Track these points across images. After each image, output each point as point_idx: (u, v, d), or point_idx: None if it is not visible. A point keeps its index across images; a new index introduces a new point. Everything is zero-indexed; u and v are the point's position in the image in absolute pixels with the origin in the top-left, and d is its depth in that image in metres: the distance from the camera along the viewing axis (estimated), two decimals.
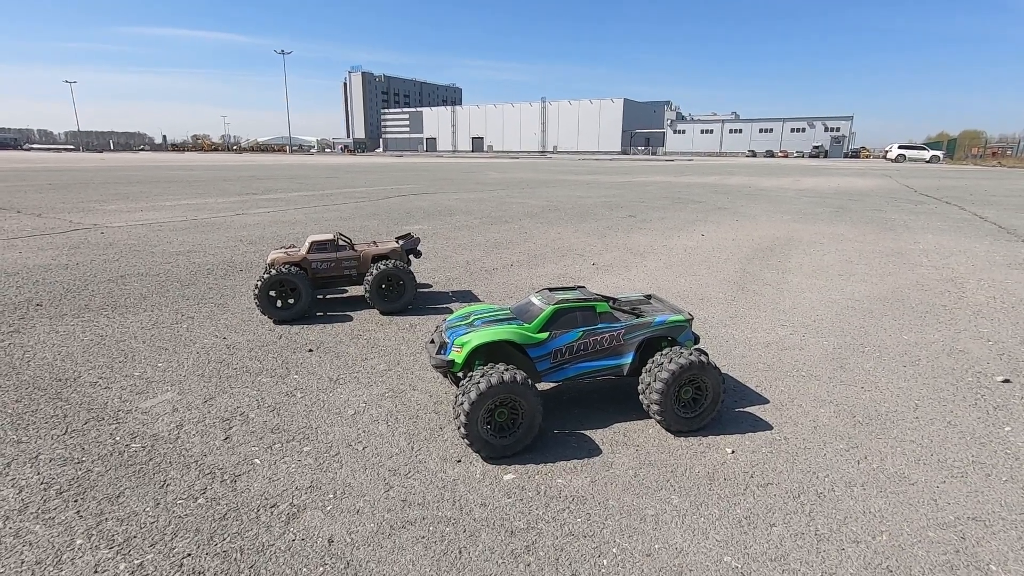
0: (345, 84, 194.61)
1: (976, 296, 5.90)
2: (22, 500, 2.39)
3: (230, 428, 3.04)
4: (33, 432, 2.95)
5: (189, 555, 2.10)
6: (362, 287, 5.24)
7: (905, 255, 8.10)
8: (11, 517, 2.29)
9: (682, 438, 3.01)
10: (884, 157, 67.32)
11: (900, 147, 63.04)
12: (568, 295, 3.31)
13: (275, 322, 4.85)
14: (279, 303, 4.87)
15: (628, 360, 3.24)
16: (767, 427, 3.13)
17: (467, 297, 5.83)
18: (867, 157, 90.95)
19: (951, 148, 71.80)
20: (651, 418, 3.16)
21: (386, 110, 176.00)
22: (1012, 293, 6.03)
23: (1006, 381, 3.76)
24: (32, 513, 2.31)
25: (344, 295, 5.85)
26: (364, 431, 3.04)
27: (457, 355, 3.04)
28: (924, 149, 62.11)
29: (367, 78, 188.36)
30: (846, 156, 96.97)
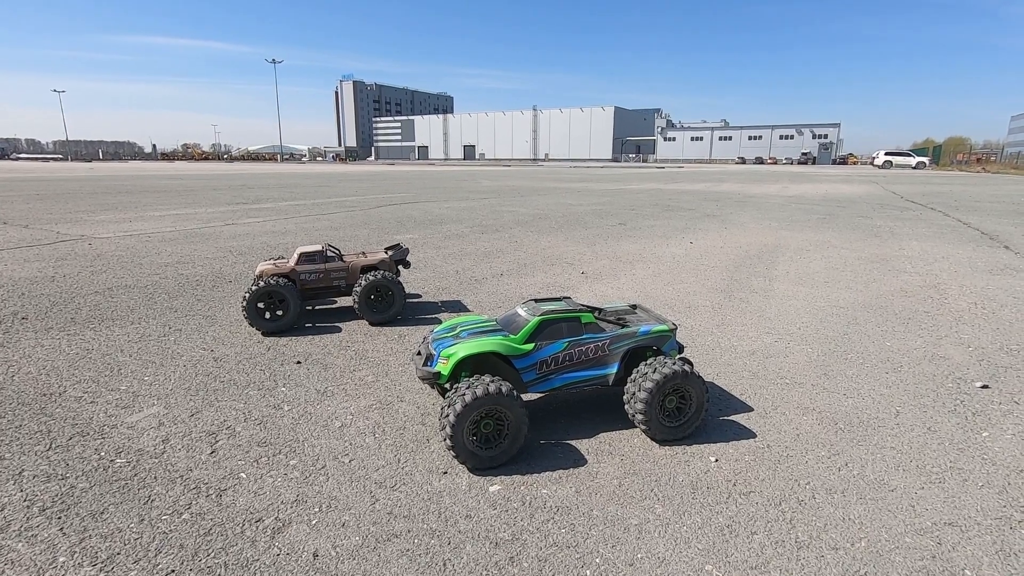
0: (336, 92, 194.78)
1: (958, 302, 6.00)
2: (4, 518, 2.38)
3: (216, 442, 3.03)
4: (16, 448, 2.94)
5: (173, 571, 2.10)
6: (351, 298, 5.25)
7: (890, 261, 8.21)
8: None
9: (667, 447, 3.04)
10: (871, 163, 68.18)
11: (887, 153, 63.90)
12: (554, 306, 3.35)
13: (263, 334, 4.84)
14: (267, 315, 4.87)
15: (613, 370, 3.27)
16: (751, 435, 3.17)
17: (456, 307, 5.85)
18: (855, 163, 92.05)
19: (937, 154, 72.87)
20: (636, 427, 3.19)
21: (378, 118, 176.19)
22: (993, 299, 6.13)
23: (985, 387, 3.82)
24: (14, 531, 2.30)
25: (333, 306, 5.85)
26: (351, 443, 3.04)
27: (443, 367, 3.06)
28: (910, 155, 63.02)
29: (358, 87, 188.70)
30: (834, 162, 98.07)
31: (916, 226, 12.23)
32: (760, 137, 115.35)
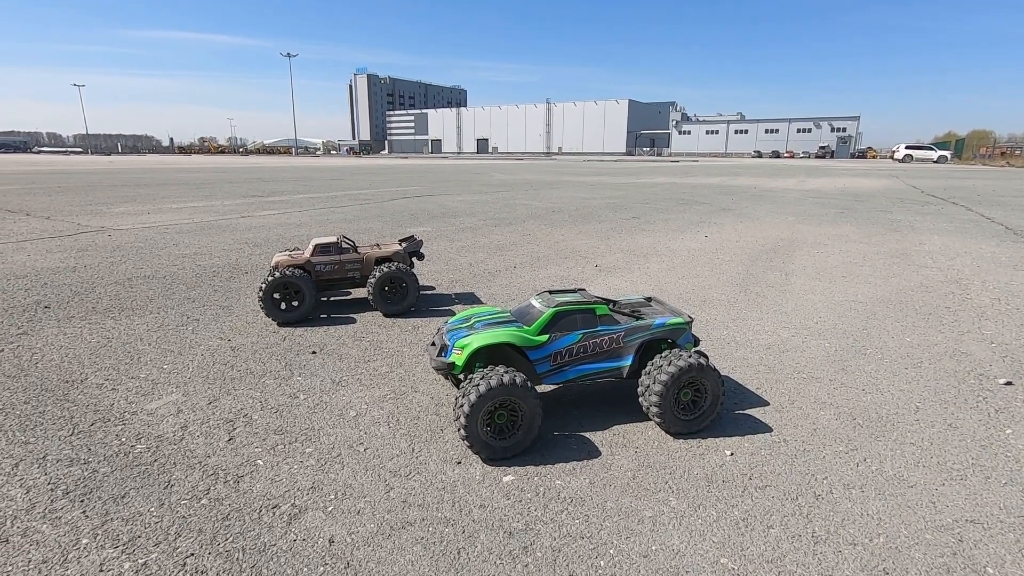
0: (351, 86, 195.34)
1: (980, 298, 5.88)
2: (29, 500, 2.44)
3: (234, 429, 3.07)
4: (40, 433, 3.00)
5: (192, 555, 2.13)
6: (365, 289, 5.28)
7: (910, 256, 8.06)
8: (19, 516, 2.33)
9: (681, 440, 3.02)
10: (891, 157, 66.94)
11: (907, 147, 62.55)
12: (568, 298, 3.33)
13: (279, 324, 4.89)
14: (283, 305, 4.91)
15: (628, 362, 3.26)
16: (767, 429, 3.14)
17: (470, 299, 5.86)
18: (874, 157, 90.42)
19: (959, 148, 71.30)
20: (651, 420, 3.18)
21: (391, 112, 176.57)
22: (1017, 295, 6.00)
23: (1008, 383, 3.74)
24: (39, 513, 2.35)
25: (347, 297, 5.89)
26: (365, 433, 3.07)
27: (458, 357, 3.07)
28: (931, 149, 61.61)
29: (372, 80, 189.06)
30: (853, 156, 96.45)
31: (937, 220, 11.99)
32: (777, 131, 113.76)
